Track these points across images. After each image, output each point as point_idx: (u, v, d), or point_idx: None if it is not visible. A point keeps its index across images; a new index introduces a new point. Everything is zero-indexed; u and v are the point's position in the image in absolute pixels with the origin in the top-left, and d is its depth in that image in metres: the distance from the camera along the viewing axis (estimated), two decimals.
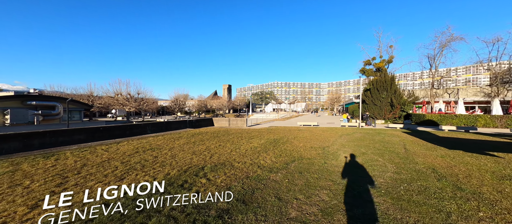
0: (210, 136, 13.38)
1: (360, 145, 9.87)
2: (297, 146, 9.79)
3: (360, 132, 15.48)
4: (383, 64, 32.66)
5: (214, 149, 9.08)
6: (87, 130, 12.46)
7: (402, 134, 14.40)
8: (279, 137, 12.69)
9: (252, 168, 6.11)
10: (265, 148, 9.12)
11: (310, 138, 12.27)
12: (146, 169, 6.06)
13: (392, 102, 25.97)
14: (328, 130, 17.40)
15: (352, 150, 8.66)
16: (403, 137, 12.85)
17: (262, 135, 14.00)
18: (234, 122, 24.23)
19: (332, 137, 12.97)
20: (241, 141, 11.13)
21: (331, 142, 10.81)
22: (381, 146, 9.59)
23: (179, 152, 8.36)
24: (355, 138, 12.46)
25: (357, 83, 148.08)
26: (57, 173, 5.67)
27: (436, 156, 7.54)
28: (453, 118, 21.96)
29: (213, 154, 8.06)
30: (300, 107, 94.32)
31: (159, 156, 7.74)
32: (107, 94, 38.85)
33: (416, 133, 14.77)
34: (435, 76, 31.48)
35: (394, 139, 11.80)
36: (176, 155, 7.90)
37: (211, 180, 5.06)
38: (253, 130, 17.71)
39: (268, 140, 11.43)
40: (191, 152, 8.47)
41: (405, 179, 5.10)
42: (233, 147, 9.38)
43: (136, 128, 15.36)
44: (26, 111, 24.67)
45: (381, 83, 27.27)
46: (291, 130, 17.41)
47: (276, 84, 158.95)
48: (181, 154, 8.09)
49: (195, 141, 11.45)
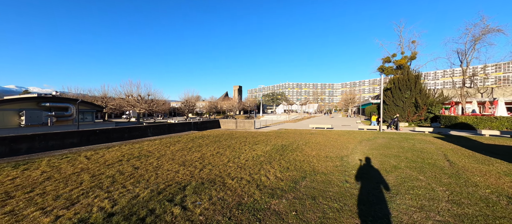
0: (211, 141, 12.09)
1: (388, 155, 8.02)
2: (309, 155, 8.16)
3: (383, 137, 13.43)
4: (405, 61, 29.75)
5: (209, 158, 7.72)
6: (82, 134, 11.68)
7: (435, 140, 12.18)
8: (288, 143, 11.09)
9: (248, 188, 4.63)
10: (270, 158, 7.60)
11: (324, 144, 10.55)
12: (114, 187, 4.79)
13: (417, 103, 23.25)
14: (344, 134, 15.46)
15: (379, 162, 6.88)
16: (438, 143, 10.71)
17: (269, 139, 12.48)
18: (241, 124, 22.88)
19: (351, 142, 11.14)
20: (243, 148, 9.69)
21: (350, 150, 9.04)
22: (416, 157, 7.69)
23: (166, 162, 7.08)
24: (378, 144, 10.54)
25: (373, 83, 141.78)
26: (5, 191, 4.56)
27: (499, 174, 5.59)
28: (492, 120, 18.98)
29: (205, 165, 6.68)
30: (312, 109, 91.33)
31: (141, 167, 6.50)
32: (119, 95, 39.37)
33: (452, 139, 12.46)
34: (467, 73, 28.05)
35: (428, 147, 9.75)
36: (161, 166, 6.62)
37: (187, 210, 3.66)
38: (260, 133, 16.23)
39: (274, 147, 9.89)
40: (180, 162, 7.16)
41: (473, 216, 3.36)
42: (232, 156, 7.96)
43: (137, 130, 14.48)
44: (41, 113, 25.06)
45: (404, 82, 24.59)
46: (302, 133, 15.69)
47: (287, 85, 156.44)
48: (168, 164, 6.79)
49: (192, 146, 10.18)
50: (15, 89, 75.78)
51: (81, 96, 44.71)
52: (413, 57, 30.05)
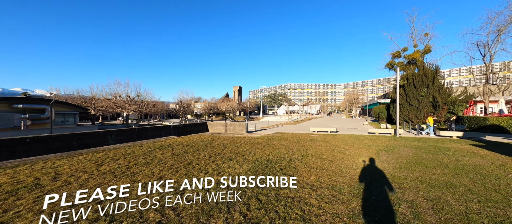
0: (175, 153, 9.06)
1: (431, 181, 4.87)
2: (305, 182, 5.08)
3: (405, 146, 10.24)
4: (418, 55, 26.45)
5: (127, 193, 4.67)
6: (11, 142, 8.76)
7: (480, 150, 8.95)
8: (277, 157, 8.01)
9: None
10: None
11: (328, 159, 7.44)
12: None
13: (436, 101, 19.92)
14: (353, 140, 12.30)
15: (425, 199, 3.75)
16: (490, 157, 7.50)
17: (255, 150, 9.41)
18: (231, 127, 19.87)
19: (363, 155, 8.01)
20: (207, 167, 6.63)
21: (368, 170, 5.92)
22: (480, 185, 4.54)
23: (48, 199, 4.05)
24: (405, 158, 7.37)
25: (376, 83, 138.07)
26: None
27: None
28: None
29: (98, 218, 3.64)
30: (314, 109, 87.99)
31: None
32: (106, 96, 36.73)
33: (501, 149, 9.20)
34: (490, 68, 24.58)
35: (482, 164, 6.56)
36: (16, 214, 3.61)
37: None
38: (249, 139, 13.18)
39: (254, 165, 6.81)
40: (70, 199, 4.14)
41: None
42: (174, 187, 4.90)
43: (92, 137, 11.55)
44: (12, 115, 22.39)
45: (420, 78, 21.28)
46: (300, 140, 12.58)
47: (289, 86, 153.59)
48: (25, 214, 3.78)
49: (135, 163, 7.14)
50: (21, 91, 74.59)
51: (69, 98, 42.19)
52: (428, 50, 26.73)
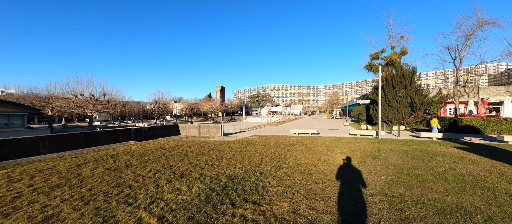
0: (120, 164, 7.07)
1: (445, 207, 3.64)
2: (271, 218, 3.58)
3: (391, 150, 9.33)
4: (396, 57, 26.85)
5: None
6: None
7: (470, 155, 8.27)
8: (245, 170, 6.44)
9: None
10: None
11: (307, 171, 6.07)
12: None
13: (413, 102, 20.01)
14: (335, 144, 11.23)
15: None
16: (484, 164, 6.71)
17: (220, 159, 7.76)
18: (206, 129, 17.96)
19: (348, 165, 6.79)
20: (142, 191, 4.85)
21: (355, 187, 4.61)
22: (503, 211, 3.41)
23: None
24: (396, 168, 6.26)
25: (354, 85, 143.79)
26: None
27: None
28: (501, 123, 16.07)
29: None
30: (297, 110, 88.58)
31: None
32: (64, 95, 32.21)
33: (485, 152, 8.65)
34: (459, 71, 25.70)
35: (482, 173, 5.64)
36: None
37: None
38: (221, 144, 11.48)
39: (210, 184, 5.17)
40: None
41: None
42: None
43: (13, 146, 8.95)
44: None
45: (398, 79, 21.31)
46: (278, 145, 11.18)
47: (273, 87, 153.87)
48: None
49: (36, 188, 5.11)
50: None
51: (21, 97, 36.51)
52: (405, 52, 27.29)
